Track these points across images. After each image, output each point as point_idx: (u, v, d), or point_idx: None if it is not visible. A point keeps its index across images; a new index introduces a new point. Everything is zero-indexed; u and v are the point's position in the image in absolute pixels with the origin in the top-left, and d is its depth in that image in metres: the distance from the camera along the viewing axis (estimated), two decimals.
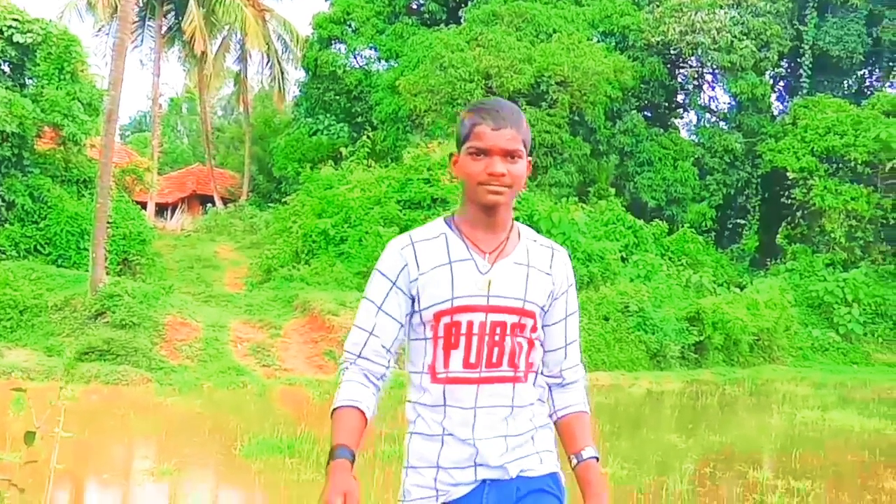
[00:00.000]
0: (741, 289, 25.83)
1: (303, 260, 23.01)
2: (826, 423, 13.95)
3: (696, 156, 30.37)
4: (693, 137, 33.42)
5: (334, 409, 2.41)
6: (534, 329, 2.46)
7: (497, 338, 2.40)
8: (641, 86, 30.03)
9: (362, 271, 21.73)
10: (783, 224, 30.37)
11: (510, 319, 2.40)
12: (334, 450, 2.33)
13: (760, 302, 23.84)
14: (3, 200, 21.71)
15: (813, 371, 22.90)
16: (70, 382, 12.77)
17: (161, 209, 36.03)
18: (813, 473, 9.71)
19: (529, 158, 2.45)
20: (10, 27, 22.77)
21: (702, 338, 21.36)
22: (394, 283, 2.43)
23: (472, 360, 2.38)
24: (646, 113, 31.46)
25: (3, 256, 20.51)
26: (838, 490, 9.12)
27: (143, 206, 29.85)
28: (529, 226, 17.01)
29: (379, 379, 2.47)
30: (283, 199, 29.10)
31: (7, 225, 21.54)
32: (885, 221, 28.31)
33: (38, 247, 21.50)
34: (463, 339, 2.38)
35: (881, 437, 12.75)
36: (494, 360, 2.40)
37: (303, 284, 21.08)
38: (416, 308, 2.43)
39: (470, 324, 2.38)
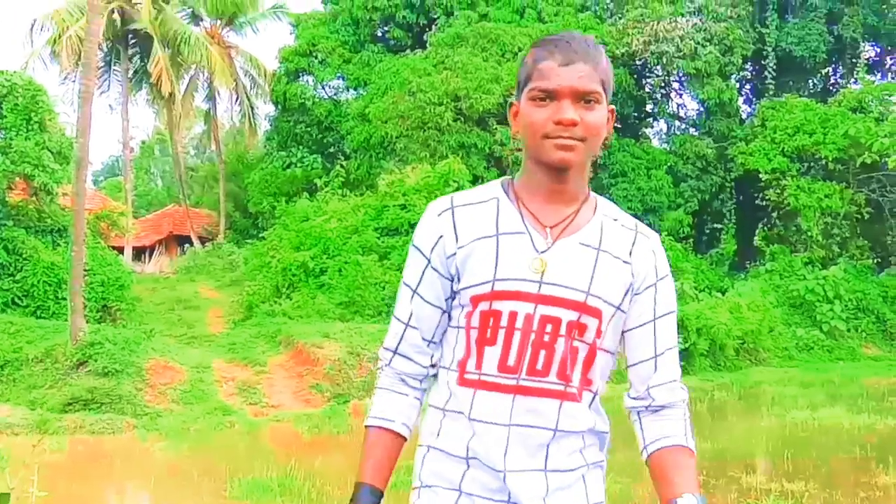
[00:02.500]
0: (723, 293, 25.92)
1: (284, 294, 22.91)
2: (816, 423, 13.98)
3: (668, 164, 30.53)
4: (665, 146, 33.63)
5: (366, 427, 2.07)
6: (599, 333, 1.95)
7: (546, 338, 1.91)
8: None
9: (344, 301, 21.70)
10: (760, 226, 30.58)
11: (567, 316, 1.91)
12: (357, 489, 1.99)
13: (743, 305, 23.94)
14: None
15: (800, 370, 22.96)
16: (54, 434, 12.65)
17: (139, 252, 35.82)
18: (806, 474, 9.72)
19: (612, 107, 1.99)
20: None
21: (687, 345, 21.39)
22: (429, 260, 2.00)
23: (511, 361, 1.92)
24: (616, 125, 31.55)
25: None
26: (832, 489, 9.13)
27: (120, 250, 29.68)
28: None
29: (419, 381, 2.08)
30: (261, 235, 29.02)
31: None
32: (859, 217, 28.52)
33: (16, 299, 21.30)
34: (502, 334, 1.92)
35: (871, 432, 12.79)
36: (539, 366, 1.92)
37: (285, 319, 20.99)
38: (457, 288, 1.99)
39: (513, 315, 1.91)
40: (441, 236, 1.98)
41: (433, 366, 2.07)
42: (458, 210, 1.99)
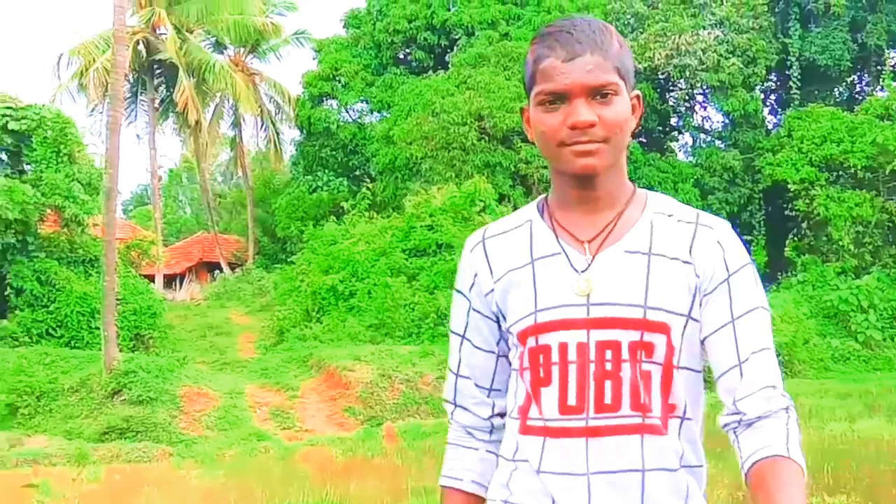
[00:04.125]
0: None
1: (314, 318, 23.00)
2: (855, 434, 13.77)
3: (695, 177, 30.39)
4: (690, 159, 33.46)
5: (440, 486, 1.90)
6: (671, 350, 1.69)
7: (608, 366, 1.67)
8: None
9: (374, 324, 21.74)
10: (790, 237, 30.29)
11: (626, 337, 1.67)
12: None
13: (776, 317, 23.71)
14: (12, 287, 21.81)
15: (836, 382, 22.66)
16: (91, 465, 12.71)
17: (169, 280, 36.10)
18: (847, 487, 9.56)
19: (636, 93, 1.76)
20: (4, 115, 23.04)
21: None
22: (469, 302, 1.82)
23: (572, 401, 1.68)
24: (641, 139, 31.54)
25: (16, 343, 20.55)
26: (874, 502, 8.98)
27: (151, 279, 29.94)
28: None
29: (487, 433, 1.87)
30: (289, 259, 29.16)
31: (17, 311, 21.61)
32: (891, 225, 28.20)
33: (50, 330, 21.54)
34: (555, 371, 1.69)
35: None
36: (608, 399, 1.67)
37: (316, 343, 21.07)
38: (504, 328, 1.79)
39: (563, 347, 1.68)
40: (476, 273, 1.79)
41: (500, 415, 1.85)
42: (490, 241, 1.80)
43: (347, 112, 34.98)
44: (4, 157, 24.09)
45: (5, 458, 13.70)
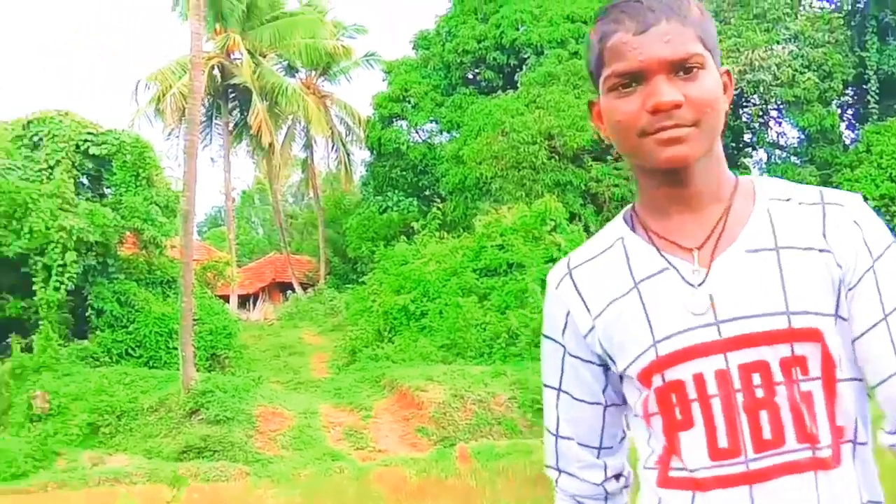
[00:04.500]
0: None
1: (386, 338, 23.10)
2: None
3: None
4: (765, 175, 32.91)
5: None
6: (828, 360, 1.40)
7: (760, 392, 1.38)
8: None
9: (446, 344, 21.74)
10: None
11: (774, 354, 1.38)
12: None
13: None
14: (93, 308, 22.33)
15: None
16: (173, 485, 12.93)
17: (243, 300, 36.65)
18: None
19: (725, 69, 1.47)
20: (85, 141, 23.63)
21: None
22: (564, 347, 1.55)
23: (724, 443, 1.39)
24: None
25: (97, 363, 21.01)
26: None
27: (226, 299, 30.41)
28: None
29: (603, 501, 1.62)
30: (361, 280, 29.36)
31: (98, 332, 22.10)
32: None
33: (129, 350, 21.98)
34: (696, 410, 1.41)
35: None
36: (767, 434, 1.38)
37: (388, 363, 21.14)
38: (615, 372, 1.53)
39: (699, 379, 1.40)
40: (568, 312, 1.52)
41: (615, 477, 1.61)
42: (579, 272, 1.52)
43: (417, 132, 35.21)
44: (86, 181, 24.72)
45: (88, 476, 14.00)
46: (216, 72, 34.39)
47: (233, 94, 36.46)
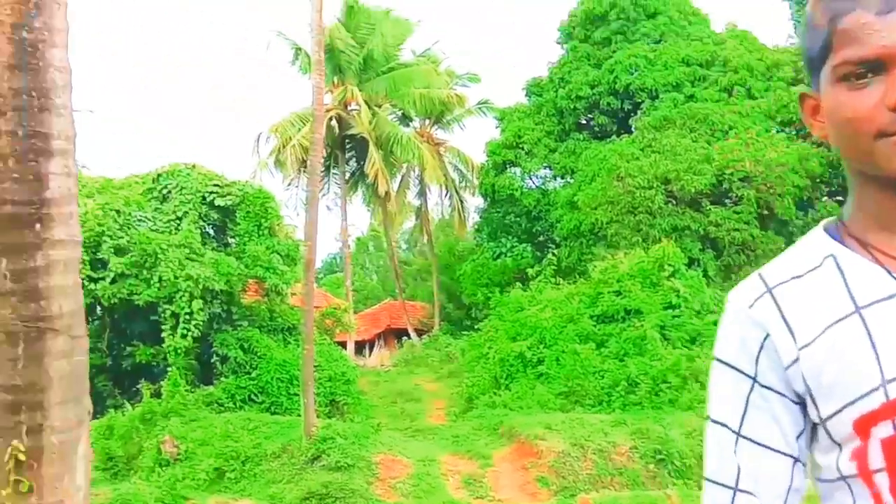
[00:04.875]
0: None
1: (502, 385, 22.99)
2: None
3: None
4: None
5: None
6: None
7: None
8: (829, 171, 28.91)
9: (564, 391, 21.51)
10: None
11: None
12: None
13: None
14: (218, 355, 22.96)
15: None
16: None
17: (360, 346, 37.12)
18: None
19: None
20: (211, 192, 24.47)
21: None
22: (754, 379, 1.26)
23: None
24: (838, 198, 30.16)
25: (222, 408, 21.54)
26: None
27: (343, 345, 30.87)
28: None
29: None
30: (476, 326, 29.37)
31: (223, 378, 22.69)
32: None
33: (252, 396, 22.47)
34: None
35: None
36: None
37: (506, 410, 21.00)
38: (815, 417, 1.24)
39: None
40: (767, 335, 1.24)
41: None
42: (782, 290, 1.26)
43: (531, 179, 35.28)
44: (211, 231, 25.58)
45: None
46: (334, 123, 35.26)
47: (350, 145, 37.31)
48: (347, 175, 37.87)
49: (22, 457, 3.77)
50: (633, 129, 31.07)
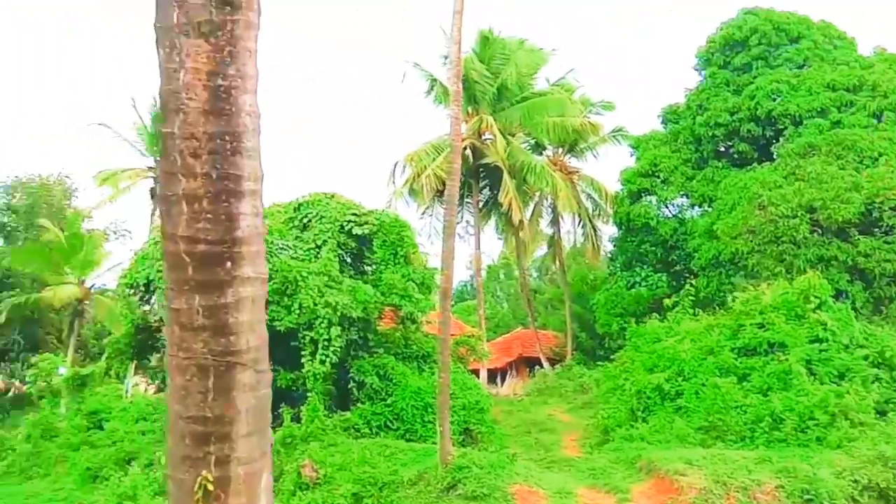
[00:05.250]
0: None
1: (639, 418, 22.54)
2: None
3: None
4: None
5: None
6: None
7: None
8: None
9: (704, 426, 20.91)
10: None
11: None
12: None
13: None
14: (354, 381, 23.31)
15: None
16: None
17: (492, 375, 37.10)
18: None
19: None
20: (349, 221, 24.97)
21: None
22: None
23: None
24: None
25: (359, 434, 21.84)
26: None
27: (476, 373, 30.91)
28: (880, 364, 14.97)
29: None
30: (610, 356, 28.97)
31: (359, 404, 23.01)
32: None
33: (388, 423, 22.69)
34: None
35: None
36: None
37: (643, 444, 20.55)
38: None
39: None
40: None
41: None
42: None
43: (667, 207, 34.70)
44: (349, 259, 26.07)
45: None
46: (468, 152, 35.58)
47: (483, 173, 37.54)
48: (481, 203, 38.09)
49: (210, 486, 3.91)
50: (775, 156, 30.19)
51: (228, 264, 4.03)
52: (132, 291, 26.06)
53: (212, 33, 4.00)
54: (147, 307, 26.70)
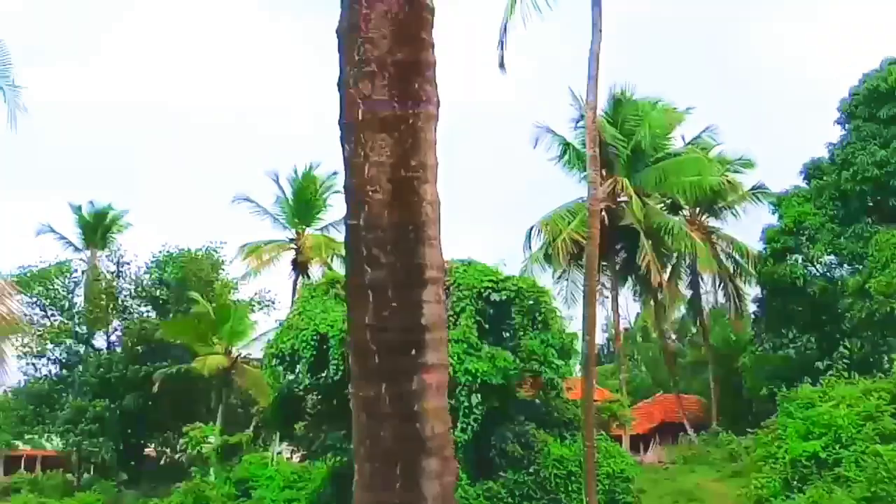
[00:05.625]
0: None
1: (795, 488, 21.49)
2: None
3: None
4: None
5: None
6: None
7: None
8: None
9: (866, 497, 19.80)
10: None
11: None
12: None
13: None
14: (496, 449, 23.14)
15: None
16: None
17: (633, 441, 36.26)
18: None
19: None
20: (487, 288, 25.04)
21: None
22: None
23: None
24: None
25: (502, 503, 21.62)
26: None
27: (618, 440, 30.25)
28: None
29: None
30: (760, 423, 27.88)
31: (502, 473, 22.81)
32: None
33: (531, 492, 22.39)
34: None
35: None
36: None
37: None
38: None
39: None
40: None
41: None
42: None
43: (814, 266, 33.50)
44: (487, 326, 26.11)
45: None
46: (603, 214, 35.33)
47: (619, 235, 37.15)
48: (617, 266, 37.65)
49: None
50: None
51: (413, 352, 4.10)
52: (277, 361, 26.74)
53: (395, 127, 4.14)
54: (292, 377, 27.33)
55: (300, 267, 42.20)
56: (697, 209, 38.81)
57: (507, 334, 26.02)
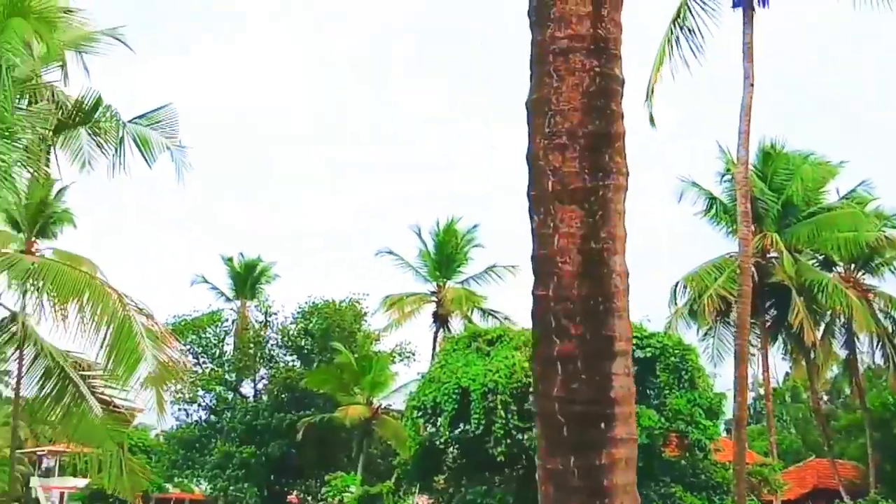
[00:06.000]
0: None
1: None
2: None
3: None
4: None
5: None
6: None
7: None
8: None
9: None
10: None
11: None
12: None
13: None
14: None
15: None
16: None
17: None
18: None
19: None
20: (633, 345, 24.62)
21: None
22: None
23: None
24: None
25: None
26: None
27: None
28: None
29: None
30: None
31: None
32: None
33: None
34: None
35: None
36: None
37: None
38: None
39: None
40: None
41: None
42: None
43: None
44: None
45: None
46: (752, 270, 34.29)
47: (769, 292, 35.95)
48: (767, 324, 36.37)
49: None
50: None
51: (602, 425, 4.07)
52: (419, 413, 26.97)
53: (584, 199, 4.17)
54: (433, 429, 27.47)
55: (441, 319, 42.72)
56: (853, 266, 37.17)
57: (652, 392, 25.49)
